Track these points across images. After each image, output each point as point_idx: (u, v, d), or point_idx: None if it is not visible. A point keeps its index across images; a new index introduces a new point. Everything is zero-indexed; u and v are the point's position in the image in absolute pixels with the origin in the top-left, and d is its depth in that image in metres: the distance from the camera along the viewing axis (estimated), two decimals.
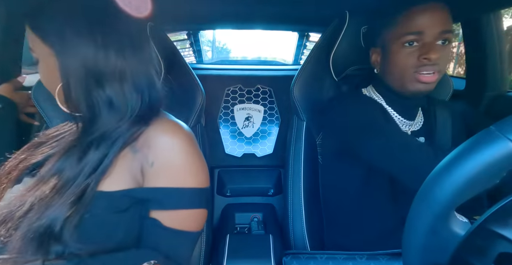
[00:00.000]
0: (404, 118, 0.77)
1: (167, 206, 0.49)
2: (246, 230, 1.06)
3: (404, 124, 0.77)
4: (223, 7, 1.12)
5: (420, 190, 0.34)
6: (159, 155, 0.49)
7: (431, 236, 0.33)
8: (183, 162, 0.50)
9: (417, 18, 0.68)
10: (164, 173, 0.49)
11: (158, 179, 0.49)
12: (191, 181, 0.51)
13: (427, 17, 0.68)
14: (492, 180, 0.30)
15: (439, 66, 0.69)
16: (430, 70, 0.69)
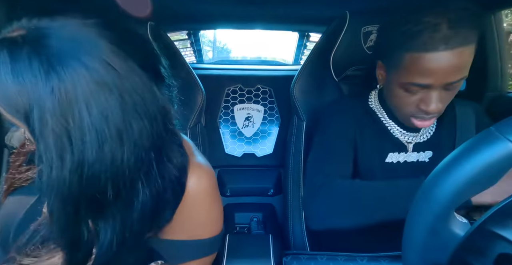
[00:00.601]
0: (405, 130, 0.73)
1: (181, 259, 0.45)
2: (245, 230, 1.06)
3: (406, 136, 0.74)
4: (223, 7, 1.12)
5: (420, 190, 0.34)
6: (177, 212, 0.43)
7: (431, 236, 0.33)
8: (206, 212, 0.46)
9: (427, 67, 0.57)
10: (183, 227, 0.44)
11: (174, 233, 0.44)
12: (211, 230, 0.47)
13: (439, 68, 0.56)
14: (492, 181, 0.30)
15: (440, 112, 0.63)
16: (428, 119, 0.64)
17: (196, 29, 2.00)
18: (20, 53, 0.32)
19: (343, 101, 0.84)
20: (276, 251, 0.76)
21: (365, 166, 0.75)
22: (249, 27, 1.55)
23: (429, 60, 0.56)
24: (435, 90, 0.59)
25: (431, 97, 0.59)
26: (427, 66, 0.57)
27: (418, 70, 0.58)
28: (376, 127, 0.75)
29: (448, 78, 0.57)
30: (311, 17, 1.25)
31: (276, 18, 1.31)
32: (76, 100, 0.31)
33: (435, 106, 0.60)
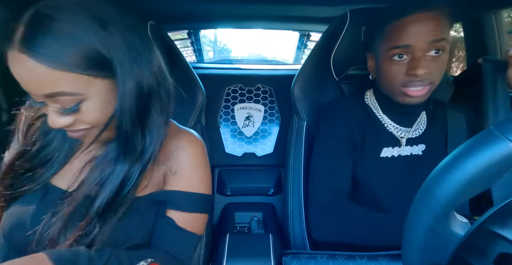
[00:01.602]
0: (399, 125, 0.77)
1: (183, 208, 0.56)
2: (246, 229, 1.06)
3: (399, 131, 0.77)
4: (224, 6, 1.12)
5: (420, 190, 0.34)
6: (181, 166, 0.57)
7: (431, 236, 0.33)
8: (200, 171, 0.59)
9: (404, 30, 0.64)
10: (184, 179, 0.57)
11: (179, 184, 0.57)
12: (204, 188, 0.59)
13: (414, 28, 0.64)
14: (492, 181, 0.30)
15: (430, 79, 0.67)
16: (418, 86, 0.67)
17: (196, 29, 2.00)
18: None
19: (339, 101, 0.85)
20: (276, 250, 0.76)
21: (360, 161, 0.78)
22: (249, 27, 1.55)
23: (407, 23, 0.64)
24: (419, 54, 0.64)
25: (417, 61, 0.64)
26: (406, 28, 0.64)
27: (399, 34, 0.65)
28: (371, 123, 0.78)
29: (426, 37, 0.63)
30: (311, 16, 1.25)
31: (277, 17, 1.31)
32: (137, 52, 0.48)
33: (422, 70, 0.64)
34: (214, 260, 0.85)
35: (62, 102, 0.45)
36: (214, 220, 1.23)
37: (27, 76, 0.45)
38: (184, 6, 1.12)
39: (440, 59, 0.66)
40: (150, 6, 1.05)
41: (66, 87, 0.44)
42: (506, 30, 1.01)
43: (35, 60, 0.42)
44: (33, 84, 0.45)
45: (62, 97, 0.45)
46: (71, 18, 0.43)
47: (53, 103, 0.46)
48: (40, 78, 0.44)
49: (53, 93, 0.44)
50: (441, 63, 0.66)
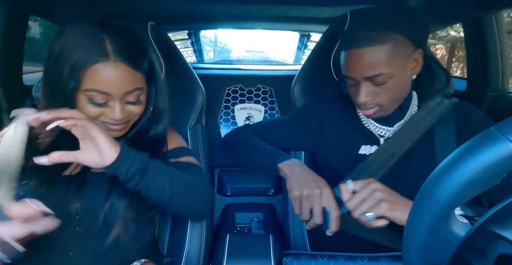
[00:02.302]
0: (380, 124, 0.77)
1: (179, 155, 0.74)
2: (246, 229, 1.06)
3: (379, 130, 0.77)
4: (224, 7, 1.12)
5: (420, 190, 0.34)
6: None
7: (431, 237, 0.33)
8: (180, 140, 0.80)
9: (347, 61, 0.69)
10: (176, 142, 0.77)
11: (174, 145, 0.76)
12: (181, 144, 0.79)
13: (352, 63, 0.67)
14: (492, 181, 0.30)
15: (375, 104, 0.70)
16: (366, 109, 0.71)
17: (196, 29, 2.00)
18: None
19: (329, 99, 0.89)
20: (276, 251, 0.76)
21: (338, 155, 0.81)
22: (249, 27, 1.55)
23: (347, 57, 0.68)
24: (362, 84, 0.68)
25: (359, 90, 0.69)
26: (347, 61, 0.69)
27: (345, 65, 0.70)
28: (353, 121, 0.80)
29: (364, 72, 0.66)
30: (312, 17, 1.25)
31: (277, 18, 1.31)
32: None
33: (363, 98, 0.68)
34: (214, 260, 0.85)
35: (133, 96, 0.60)
36: (215, 220, 1.23)
37: (119, 79, 0.57)
38: (184, 7, 1.12)
39: (384, 86, 0.68)
40: (150, 6, 1.05)
41: (139, 84, 0.61)
42: (506, 30, 1.01)
43: (128, 66, 0.57)
44: (121, 84, 0.58)
45: (135, 92, 0.60)
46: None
47: (126, 98, 0.60)
48: (128, 79, 0.58)
49: (132, 89, 0.59)
50: (386, 89, 0.68)
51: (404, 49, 0.66)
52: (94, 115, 0.60)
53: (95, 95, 0.57)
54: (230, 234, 0.81)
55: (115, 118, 0.60)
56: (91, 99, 0.57)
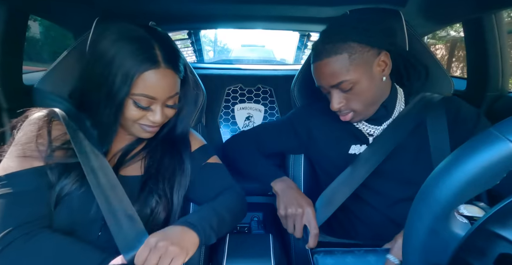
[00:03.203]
0: (368, 123, 0.79)
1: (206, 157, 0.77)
2: (246, 229, 1.06)
3: (368, 128, 0.79)
4: (223, 7, 1.12)
5: (420, 190, 0.34)
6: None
7: (431, 236, 0.33)
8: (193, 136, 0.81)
9: (314, 73, 0.75)
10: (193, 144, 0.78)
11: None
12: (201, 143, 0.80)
13: (316, 74, 0.74)
14: (492, 181, 0.30)
15: (348, 110, 0.74)
16: (342, 114, 0.75)
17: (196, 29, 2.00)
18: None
19: (321, 100, 0.89)
20: (276, 250, 0.76)
21: (329, 156, 0.83)
22: (249, 27, 1.54)
23: (313, 69, 0.74)
24: (331, 92, 0.73)
25: (331, 97, 0.74)
26: (314, 73, 0.75)
27: (314, 76, 0.76)
28: (340, 121, 0.80)
29: (328, 81, 0.71)
30: (312, 17, 1.25)
31: (277, 17, 1.31)
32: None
33: (335, 105, 0.73)
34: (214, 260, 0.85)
35: (173, 100, 0.64)
36: None
37: (166, 85, 0.61)
38: (184, 7, 1.12)
39: (352, 92, 0.71)
40: (151, 6, 1.05)
41: (178, 88, 0.64)
42: (506, 30, 1.01)
43: (173, 72, 0.61)
44: (167, 90, 0.61)
45: (175, 96, 0.64)
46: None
47: (167, 102, 0.63)
48: (172, 84, 0.62)
49: (174, 94, 0.63)
50: (355, 94, 0.72)
51: (362, 55, 0.69)
52: (136, 118, 0.62)
53: (142, 99, 0.60)
54: (230, 233, 0.81)
55: (155, 121, 0.62)
56: (137, 102, 0.60)
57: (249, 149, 0.90)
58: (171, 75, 0.61)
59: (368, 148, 0.78)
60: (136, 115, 0.61)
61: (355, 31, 0.69)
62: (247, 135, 0.93)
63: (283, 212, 0.75)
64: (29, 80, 0.97)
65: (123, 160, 0.67)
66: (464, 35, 1.07)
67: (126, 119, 0.62)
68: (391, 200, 0.76)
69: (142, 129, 0.64)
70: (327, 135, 0.83)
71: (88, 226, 0.60)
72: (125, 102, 0.60)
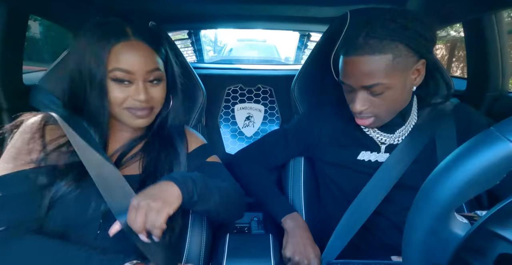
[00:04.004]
0: (381, 131, 0.77)
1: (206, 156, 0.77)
2: (246, 229, 1.06)
3: (380, 136, 0.77)
4: (224, 7, 1.12)
5: (420, 190, 0.34)
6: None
7: (431, 236, 0.33)
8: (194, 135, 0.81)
9: (344, 69, 0.68)
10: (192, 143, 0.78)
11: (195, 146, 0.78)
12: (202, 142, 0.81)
13: (349, 71, 0.68)
14: (492, 181, 0.30)
15: (371, 113, 0.69)
16: (362, 118, 0.70)
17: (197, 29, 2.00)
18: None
19: (330, 102, 0.88)
20: (276, 251, 0.76)
21: (338, 160, 0.81)
22: (250, 27, 1.55)
23: (346, 63, 0.67)
24: (358, 92, 0.67)
25: (355, 98, 0.68)
26: (345, 68, 0.67)
27: (342, 71, 0.68)
28: (352, 126, 0.79)
29: (361, 81, 0.65)
30: (312, 17, 1.25)
31: (277, 17, 1.31)
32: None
33: (358, 106, 0.67)
34: (214, 260, 0.85)
35: (155, 75, 0.64)
36: None
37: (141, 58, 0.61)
38: (184, 7, 1.12)
39: (381, 97, 0.66)
40: (151, 6, 1.05)
41: (160, 66, 0.65)
42: (506, 30, 1.01)
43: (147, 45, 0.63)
44: (143, 63, 0.61)
45: (156, 72, 0.64)
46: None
47: (148, 77, 0.63)
48: (148, 58, 0.63)
49: (153, 69, 0.63)
50: (384, 100, 0.66)
51: (406, 60, 0.63)
52: (121, 100, 0.62)
53: (119, 74, 0.60)
54: (230, 234, 0.81)
55: (140, 99, 0.62)
56: (116, 79, 0.60)
57: (256, 172, 0.89)
58: (145, 47, 0.62)
59: (386, 165, 0.75)
60: (120, 96, 0.62)
61: (407, 32, 0.62)
62: (251, 153, 0.92)
63: (289, 254, 0.73)
64: (29, 80, 0.96)
65: (121, 161, 0.68)
66: (464, 35, 1.07)
67: (113, 105, 0.62)
68: (398, 208, 0.75)
69: (132, 115, 0.64)
70: (337, 140, 0.81)
71: (85, 226, 0.60)
72: (105, 83, 0.61)
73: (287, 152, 0.90)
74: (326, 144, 0.83)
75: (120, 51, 0.60)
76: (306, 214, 0.90)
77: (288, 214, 0.80)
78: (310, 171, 0.94)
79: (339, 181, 0.82)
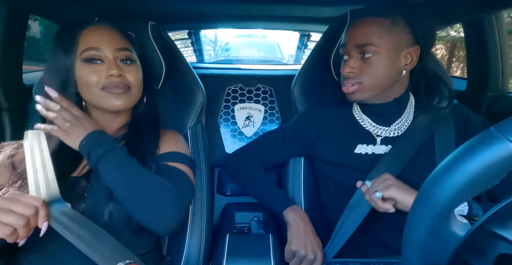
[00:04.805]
0: (377, 124, 0.79)
1: (171, 160, 0.73)
2: (246, 229, 1.06)
3: (376, 129, 0.79)
4: (224, 7, 1.12)
5: (420, 190, 0.34)
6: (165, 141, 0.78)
7: (431, 236, 0.33)
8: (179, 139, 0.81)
9: (346, 32, 0.74)
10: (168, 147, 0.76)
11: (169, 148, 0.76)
12: (186, 150, 0.79)
13: (349, 32, 0.73)
14: (492, 181, 0.30)
15: (358, 79, 0.72)
16: (347, 83, 0.74)
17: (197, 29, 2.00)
18: None
19: (329, 102, 0.91)
20: (276, 250, 0.76)
21: (335, 155, 0.82)
22: (250, 27, 1.55)
23: (349, 29, 0.74)
24: (351, 54, 0.72)
25: (348, 60, 0.73)
26: (349, 31, 0.74)
27: (346, 34, 0.74)
28: (348, 121, 0.82)
29: (357, 39, 0.70)
30: (312, 17, 1.25)
31: (277, 17, 1.31)
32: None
33: (347, 68, 0.72)
34: (214, 260, 0.85)
35: (125, 55, 0.69)
36: (214, 220, 1.23)
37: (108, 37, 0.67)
38: (184, 6, 1.12)
39: (369, 61, 0.70)
40: (151, 6, 1.05)
41: (129, 47, 0.70)
42: (506, 30, 1.01)
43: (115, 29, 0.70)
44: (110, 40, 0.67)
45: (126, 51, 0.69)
46: None
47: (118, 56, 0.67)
48: (116, 37, 0.69)
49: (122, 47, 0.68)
50: (371, 65, 0.70)
51: (401, 33, 0.69)
52: (95, 80, 0.65)
53: (88, 54, 0.64)
54: (230, 233, 0.81)
55: (112, 72, 0.64)
56: (87, 59, 0.64)
57: (254, 169, 0.90)
58: (112, 29, 0.68)
59: (383, 162, 0.76)
60: (94, 76, 0.64)
61: (410, 11, 0.70)
62: (249, 152, 0.93)
63: (294, 248, 0.74)
64: (29, 80, 0.97)
65: None
66: (464, 35, 1.07)
67: (89, 87, 0.65)
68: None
69: (109, 94, 0.66)
70: (334, 135, 0.83)
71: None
72: (76, 66, 0.65)
73: (284, 151, 0.91)
74: (323, 143, 0.84)
75: (88, 34, 0.65)
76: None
77: (289, 206, 0.81)
78: (310, 171, 0.94)
79: (337, 180, 0.83)
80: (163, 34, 0.91)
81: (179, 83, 0.93)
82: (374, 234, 0.78)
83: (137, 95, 0.71)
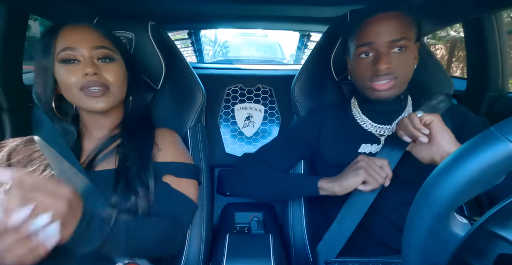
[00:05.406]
0: (378, 123, 0.80)
1: (175, 173, 0.70)
2: (246, 229, 1.06)
3: (378, 129, 0.79)
4: (224, 7, 1.12)
5: (420, 190, 0.34)
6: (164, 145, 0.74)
7: (431, 236, 0.33)
8: (178, 145, 0.77)
9: (367, 29, 0.71)
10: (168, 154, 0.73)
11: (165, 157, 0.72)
12: (187, 158, 0.76)
13: (375, 28, 0.70)
14: (492, 181, 0.30)
15: (394, 74, 0.71)
16: (383, 80, 0.71)
17: (197, 29, 2.00)
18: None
19: (329, 104, 0.92)
20: (276, 250, 0.76)
21: (339, 155, 0.82)
22: (250, 27, 1.55)
23: (372, 22, 0.71)
24: (381, 51, 0.70)
25: (381, 56, 0.70)
26: (370, 27, 0.71)
27: (365, 32, 0.72)
28: (351, 123, 0.82)
29: (389, 36, 0.69)
30: (312, 17, 1.25)
31: (277, 17, 1.31)
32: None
33: (384, 64, 0.69)
34: (213, 260, 0.85)
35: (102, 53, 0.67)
36: (214, 220, 1.23)
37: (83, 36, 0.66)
38: (184, 7, 1.12)
39: (403, 56, 0.71)
40: (151, 6, 1.05)
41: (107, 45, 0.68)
42: (506, 30, 1.01)
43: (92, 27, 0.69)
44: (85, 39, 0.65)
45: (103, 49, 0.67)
46: None
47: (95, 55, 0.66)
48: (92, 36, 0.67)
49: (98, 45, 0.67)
50: (404, 60, 0.71)
51: (414, 29, 0.72)
52: (73, 81, 0.64)
53: (64, 54, 0.63)
54: (230, 233, 0.81)
55: (87, 71, 0.63)
56: (63, 60, 0.64)
57: (264, 171, 0.86)
58: (89, 28, 0.67)
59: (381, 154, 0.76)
60: (71, 76, 0.64)
61: (413, 12, 0.72)
62: (256, 159, 0.90)
63: (364, 177, 0.69)
64: (29, 80, 0.96)
65: (95, 159, 0.69)
66: (464, 35, 1.07)
67: (69, 88, 0.64)
68: (394, 204, 0.76)
69: (87, 95, 0.64)
70: (336, 136, 0.83)
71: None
72: (55, 68, 0.64)
73: (291, 155, 0.89)
74: (326, 145, 0.84)
75: (65, 35, 0.64)
76: (306, 215, 0.90)
77: (318, 179, 0.76)
78: (310, 171, 0.94)
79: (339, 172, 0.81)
80: (163, 34, 0.91)
81: (179, 83, 0.93)
82: (373, 233, 0.78)
83: (118, 94, 0.69)
